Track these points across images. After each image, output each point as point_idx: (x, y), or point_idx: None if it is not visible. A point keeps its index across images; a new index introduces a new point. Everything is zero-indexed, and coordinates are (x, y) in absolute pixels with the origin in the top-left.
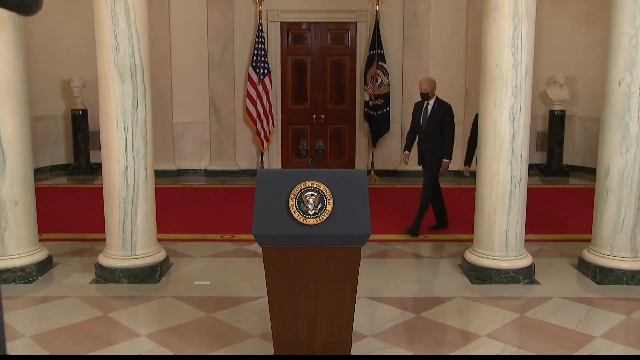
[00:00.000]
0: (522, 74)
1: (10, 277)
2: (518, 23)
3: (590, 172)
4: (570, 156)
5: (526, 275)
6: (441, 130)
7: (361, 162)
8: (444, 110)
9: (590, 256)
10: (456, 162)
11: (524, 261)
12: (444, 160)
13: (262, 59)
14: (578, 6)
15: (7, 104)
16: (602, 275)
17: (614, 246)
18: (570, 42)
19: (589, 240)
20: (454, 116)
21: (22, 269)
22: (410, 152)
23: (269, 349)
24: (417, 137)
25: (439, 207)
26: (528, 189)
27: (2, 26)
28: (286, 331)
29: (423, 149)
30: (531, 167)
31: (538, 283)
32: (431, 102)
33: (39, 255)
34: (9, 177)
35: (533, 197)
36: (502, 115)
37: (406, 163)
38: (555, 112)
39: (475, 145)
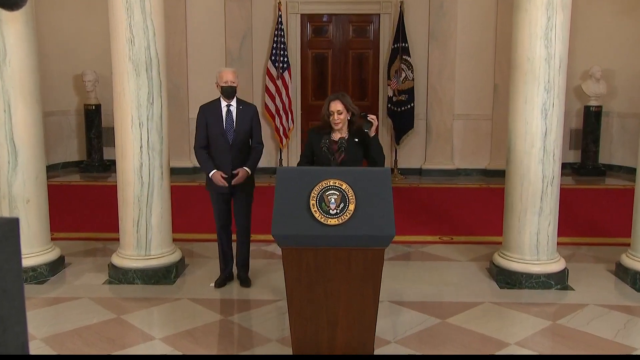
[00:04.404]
0: (556, 67)
1: None
2: (552, 13)
3: (629, 172)
4: (607, 155)
5: (559, 280)
6: (249, 140)
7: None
8: (252, 114)
9: (630, 261)
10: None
11: (557, 265)
12: (245, 168)
13: (282, 52)
14: None
15: (19, 99)
16: None
17: None
18: (609, 33)
19: (628, 245)
20: None
21: (33, 269)
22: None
23: (287, 354)
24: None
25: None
26: (561, 189)
27: (14, 19)
28: (305, 336)
29: (232, 170)
30: (564, 166)
31: (572, 289)
32: (234, 102)
33: (51, 254)
34: (21, 174)
35: (566, 198)
36: (534, 111)
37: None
38: (591, 108)
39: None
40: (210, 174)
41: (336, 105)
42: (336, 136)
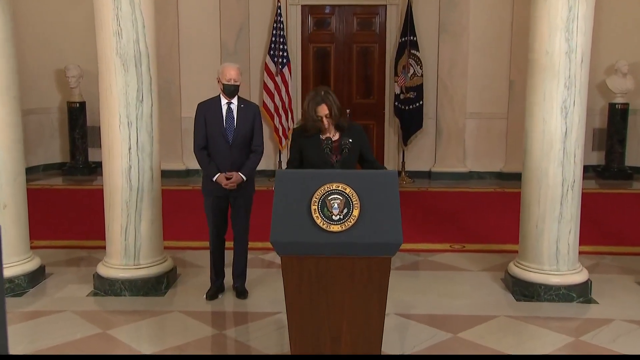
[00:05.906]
0: (577, 62)
1: None
2: (574, 3)
3: None
4: (634, 156)
5: (581, 292)
6: (250, 140)
7: (391, 162)
8: (254, 113)
9: None
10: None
11: (578, 276)
12: (240, 174)
13: (281, 47)
14: None
15: None
16: None
17: None
18: (636, 24)
19: None
20: None
21: (10, 280)
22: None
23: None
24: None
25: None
26: (583, 193)
27: None
28: (306, 351)
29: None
30: (586, 168)
31: (595, 302)
32: (234, 100)
33: (30, 264)
34: None
35: (589, 203)
36: (553, 109)
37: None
38: (617, 106)
39: None
40: (214, 179)
41: (324, 110)
42: (331, 136)
